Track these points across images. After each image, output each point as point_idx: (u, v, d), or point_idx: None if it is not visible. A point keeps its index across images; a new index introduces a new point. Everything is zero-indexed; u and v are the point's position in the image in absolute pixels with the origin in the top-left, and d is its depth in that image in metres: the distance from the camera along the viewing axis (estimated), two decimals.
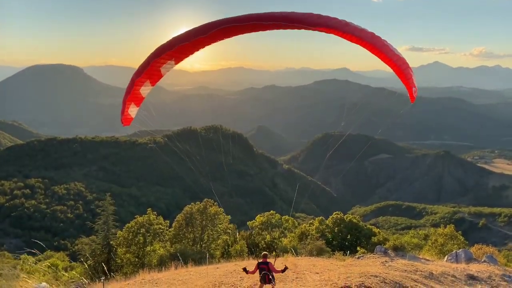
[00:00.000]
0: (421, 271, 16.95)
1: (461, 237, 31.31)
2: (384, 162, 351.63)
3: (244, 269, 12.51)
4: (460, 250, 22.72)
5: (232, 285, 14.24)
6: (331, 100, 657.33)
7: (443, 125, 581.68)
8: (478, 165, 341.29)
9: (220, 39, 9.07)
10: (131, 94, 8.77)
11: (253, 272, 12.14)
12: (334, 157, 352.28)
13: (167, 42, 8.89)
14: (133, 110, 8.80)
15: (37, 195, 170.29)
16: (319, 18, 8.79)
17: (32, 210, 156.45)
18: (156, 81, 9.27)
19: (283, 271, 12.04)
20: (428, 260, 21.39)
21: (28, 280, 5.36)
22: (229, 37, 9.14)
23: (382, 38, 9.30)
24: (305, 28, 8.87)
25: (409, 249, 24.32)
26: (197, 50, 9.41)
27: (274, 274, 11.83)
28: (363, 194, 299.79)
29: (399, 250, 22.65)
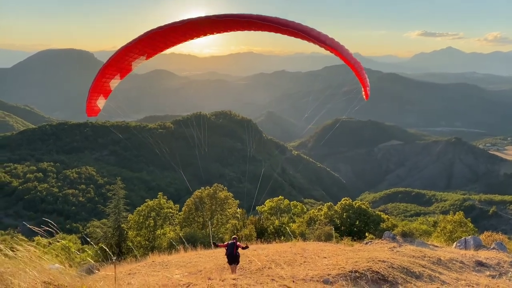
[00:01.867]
0: (429, 257, 16.95)
1: (470, 224, 31.16)
2: (394, 148, 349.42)
3: (215, 244, 15.19)
4: (469, 237, 22.65)
5: (241, 268, 14.42)
6: (342, 85, 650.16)
7: (455, 112, 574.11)
8: (490, 152, 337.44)
9: (192, 38, 9.02)
10: (100, 86, 8.55)
11: (223, 246, 14.16)
12: (344, 143, 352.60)
13: (140, 37, 8.77)
14: (101, 102, 8.63)
15: (49, 178, 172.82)
16: (288, 21, 9.10)
17: (44, 193, 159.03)
18: (125, 75, 9.06)
19: (244, 248, 13.82)
20: (436, 246, 21.38)
21: (42, 262, 5.46)
22: (203, 35, 9.07)
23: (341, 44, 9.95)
24: (275, 30, 9.02)
25: (418, 235, 24.31)
26: (169, 47, 9.32)
27: (239, 251, 13.68)
28: (372, 181, 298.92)
29: (407, 236, 22.66)
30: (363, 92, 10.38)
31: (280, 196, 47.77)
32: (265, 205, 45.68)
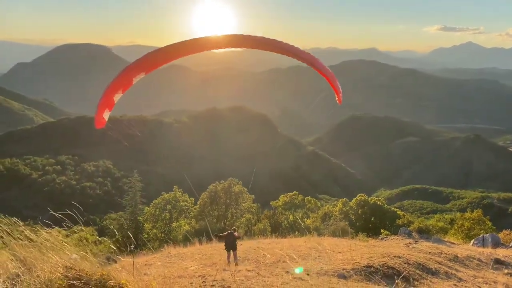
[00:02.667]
0: (446, 254, 16.78)
1: (488, 222, 30.65)
2: (411, 145, 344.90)
3: (216, 235, 16.58)
4: (487, 234, 22.33)
5: (255, 261, 14.52)
6: (358, 81, 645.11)
7: (474, 108, 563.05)
8: (510, 149, 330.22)
9: (187, 55, 10.61)
10: (107, 101, 10.04)
11: (224, 236, 15.57)
12: (360, 139, 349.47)
13: (143, 58, 10.39)
14: (106, 115, 10.00)
15: (68, 171, 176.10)
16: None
17: (62, 186, 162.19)
18: (127, 89, 10.45)
19: (239, 237, 15.82)
20: (453, 243, 21.14)
21: (63, 248, 5.62)
22: (197, 52, 10.83)
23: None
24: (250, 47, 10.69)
25: (434, 232, 24.05)
26: (166, 63, 10.83)
27: (237, 240, 15.40)
28: (388, 178, 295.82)
29: (423, 233, 22.45)
30: (337, 98, 11.65)
31: (294, 191, 47.79)
32: (279, 200, 45.77)
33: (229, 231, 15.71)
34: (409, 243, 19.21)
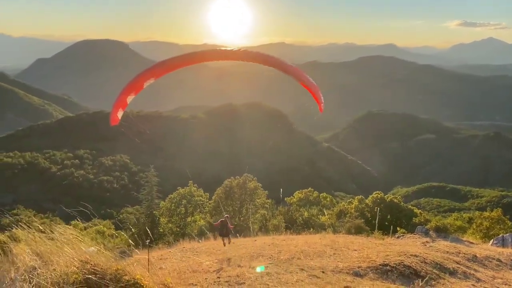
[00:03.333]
0: (464, 253, 16.49)
1: (508, 222, 30.00)
2: (429, 142, 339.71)
3: (211, 223, 18.18)
4: (507, 234, 21.86)
5: (270, 257, 14.48)
6: (376, 77, 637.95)
7: (494, 105, 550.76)
8: None
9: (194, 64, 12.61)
10: (121, 102, 11.48)
11: (217, 225, 16.87)
12: (377, 136, 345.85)
13: (156, 65, 12.12)
14: (120, 113, 11.59)
15: (86, 165, 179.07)
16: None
17: (81, 180, 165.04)
18: (138, 92, 11.95)
19: (233, 228, 17.54)
20: (471, 243, 20.76)
21: (79, 243, 5.69)
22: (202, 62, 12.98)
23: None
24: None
25: (452, 231, 23.64)
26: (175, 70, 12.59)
27: (230, 229, 16.75)
28: (405, 175, 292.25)
29: (441, 232, 22.08)
30: (318, 107, 12.77)
31: (309, 188, 47.59)
32: (294, 196, 45.63)
33: (221, 220, 16.54)
34: (426, 241, 18.93)
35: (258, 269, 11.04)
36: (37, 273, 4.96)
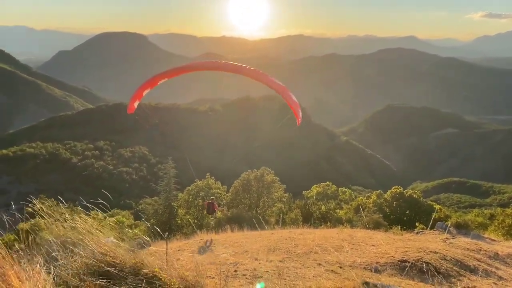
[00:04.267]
0: (485, 251, 16.15)
1: None
2: (450, 137, 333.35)
3: (203, 205, 23.76)
4: None
5: (287, 251, 14.46)
6: (396, 70, 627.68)
7: None
8: None
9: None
10: (138, 95, 13.20)
11: (206, 205, 22.88)
12: (395, 130, 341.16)
13: (164, 72, 13.42)
14: (136, 104, 13.41)
15: (105, 156, 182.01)
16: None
17: (100, 170, 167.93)
18: (153, 87, 13.49)
19: (218, 206, 23.74)
20: (493, 240, 20.32)
21: (99, 234, 5.76)
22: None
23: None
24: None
25: (473, 227, 23.17)
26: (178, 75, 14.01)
27: (215, 208, 22.74)
28: (425, 170, 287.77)
29: (461, 228, 21.65)
30: (297, 120, 14.71)
31: (327, 182, 47.32)
32: (311, 190, 45.46)
33: (208, 201, 22.38)
34: (446, 238, 18.59)
35: (258, 287, 10.95)
36: (58, 264, 5.04)
